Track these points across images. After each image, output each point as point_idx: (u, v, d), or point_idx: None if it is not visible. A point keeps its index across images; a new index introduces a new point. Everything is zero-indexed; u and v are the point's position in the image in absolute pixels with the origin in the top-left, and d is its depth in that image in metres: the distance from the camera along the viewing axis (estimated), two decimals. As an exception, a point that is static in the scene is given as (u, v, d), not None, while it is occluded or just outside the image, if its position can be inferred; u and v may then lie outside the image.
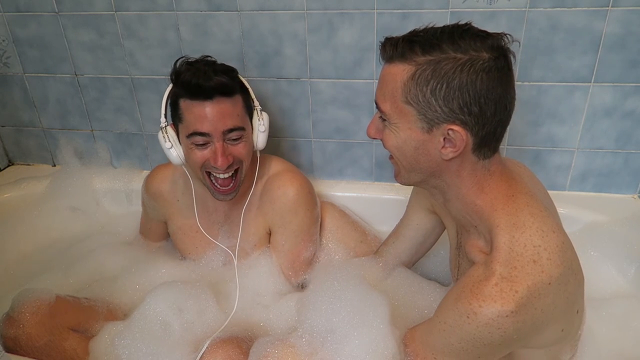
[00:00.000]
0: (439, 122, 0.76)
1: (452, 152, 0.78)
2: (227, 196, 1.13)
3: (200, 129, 1.04)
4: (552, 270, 0.74)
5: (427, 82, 0.74)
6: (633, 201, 1.43)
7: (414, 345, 0.87)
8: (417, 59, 0.75)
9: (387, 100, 0.80)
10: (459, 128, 0.75)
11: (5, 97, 1.65)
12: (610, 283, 1.21)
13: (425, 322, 0.88)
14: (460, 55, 0.73)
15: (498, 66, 0.74)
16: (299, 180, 1.21)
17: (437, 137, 0.78)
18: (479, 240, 0.84)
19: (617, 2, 1.20)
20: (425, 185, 0.88)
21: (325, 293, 0.99)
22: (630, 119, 1.33)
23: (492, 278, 0.74)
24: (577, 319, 0.87)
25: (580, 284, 0.82)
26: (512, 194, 0.81)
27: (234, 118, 1.06)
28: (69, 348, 1.06)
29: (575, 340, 0.91)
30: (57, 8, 1.46)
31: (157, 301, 1.06)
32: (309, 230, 1.24)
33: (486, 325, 0.73)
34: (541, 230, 0.77)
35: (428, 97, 0.75)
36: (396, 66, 0.78)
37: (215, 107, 1.04)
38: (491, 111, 0.75)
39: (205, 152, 1.07)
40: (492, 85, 0.74)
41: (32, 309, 1.04)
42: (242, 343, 1.00)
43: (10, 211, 1.53)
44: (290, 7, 1.33)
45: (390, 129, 0.81)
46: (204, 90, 1.03)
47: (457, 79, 0.73)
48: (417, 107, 0.76)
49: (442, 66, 0.73)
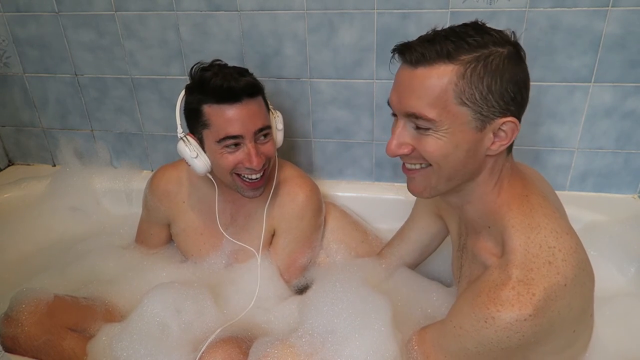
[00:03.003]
0: (493, 118, 0.74)
1: (501, 145, 0.77)
2: (257, 191, 1.13)
3: (233, 132, 1.04)
4: (567, 272, 0.73)
5: (480, 79, 0.72)
6: (633, 201, 1.43)
7: (425, 347, 0.86)
8: (462, 58, 0.72)
9: (434, 106, 0.73)
10: (512, 119, 0.75)
11: (5, 97, 1.65)
12: (610, 283, 1.21)
13: (437, 325, 0.87)
14: (500, 48, 0.73)
15: (522, 55, 0.76)
16: (309, 186, 1.22)
17: (488, 133, 0.76)
18: (488, 242, 0.83)
19: (617, 2, 1.20)
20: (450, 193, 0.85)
21: (326, 294, 0.99)
22: (630, 119, 1.33)
23: (509, 282, 0.74)
24: (590, 322, 0.86)
25: (592, 286, 0.81)
26: (526, 194, 0.81)
27: (262, 117, 1.07)
28: (67, 347, 1.06)
29: (586, 344, 0.91)
30: (57, 8, 1.46)
31: (155, 302, 1.05)
32: (310, 237, 1.24)
33: (505, 329, 0.73)
34: (555, 232, 0.76)
35: (485, 94, 0.72)
36: (436, 68, 0.72)
37: (245, 109, 1.04)
38: (526, 98, 0.77)
39: (237, 154, 1.06)
40: (526, 73, 0.76)
41: (31, 309, 1.04)
42: (242, 343, 1.00)
43: (10, 211, 1.53)
44: (290, 7, 1.33)
45: (436, 137, 0.75)
46: (235, 93, 1.03)
47: (507, 72, 0.72)
48: (474, 107, 0.73)
49: (490, 61, 0.72)
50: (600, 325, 0.97)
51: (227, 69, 1.06)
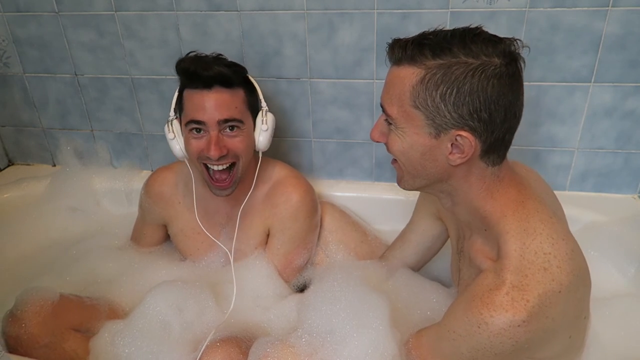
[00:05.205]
0: (448, 128, 0.75)
1: (459, 158, 0.76)
2: (224, 191, 1.13)
3: (196, 117, 1.06)
4: (562, 279, 0.73)
5: (436, 86, 0.72)
6: (633, 201, 1.43)
7: (420, 351, 0.86)
8: (427, 63, 0.73)
9: (394, 103, 0.78)
10: (467, 134, 0.74)
11: (5, 97, 1.65)
12: (610, 283, 1.21)
13: (432, 328, 0.87)
14: (472, 60, 0.71)
15: (509, 72, 0.73)
16: (303, 187, 1.22)
17: (444, 142, 0.76)
18: (484, 246, 0.83)
19: (617, 2, 1.20)
20: (430, 190, 0.87)
21: (325, 294, 0.99)
22: (630, 119, 1.33)
23: (503, 287, 0.73)
24: (584, 325, 0.86)
25: (588, 291, 0.81)
26: (522, 200, 0.80)
27: (231, 109, 1.07)
28: (69, 349, 1.06)
29: (583, 346, 0.91)
30: (57, 8, 1.46)
31: (157, 300, 1.05)
32: (305, 238, 1.24)
33: (498, 335, 0.73)
34: (551, 238, 0.76)
35: (437, 102, 0.73)
36: (405, 69, 0.76)
37: (213, 97, 1.05)
38: (501, 118, 0.74)
39: (201, 142, 1.08)
40: (503, 91, 0.72)
41: (36, 308, 1.03)
42: (242, 343, 1.00)
43: (10, 211, 1.53)
44: (290, 7, 1.33)
45: (396, 133, 0.80)
46: (203, 79, 1.05)
47: (468, 84, 0.71)
48: (426, 112, 0.75)
49: (452, 70, 0.72)
50: (600, 326, 0.97)
51: (207, 57, 1.09)
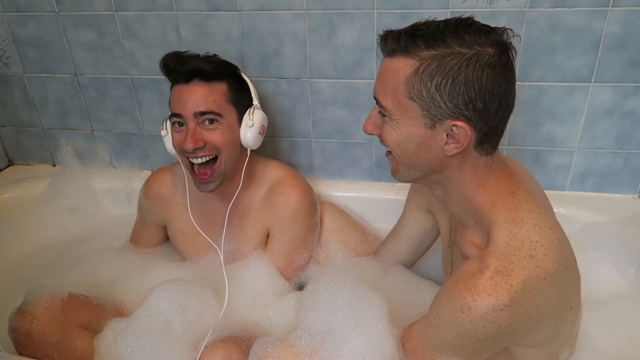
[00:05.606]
0: (443, 118, 0.75)
1: (455, 148, 0.77)
2: (207, 185, 1.14)
3: (176, 110, 1.10)
4: (547, 266, 0.73)
5: (431, 77, 0.73)
6: (633, 201, 1.42)
7: (412, 343, 0.87)
8: (420, 54, 0.73)
9: (388, 95, 0.78)
10: (463, 124, 0.74)
11: (5, 97, 1.65)
12: (610, 283, 1.21)
13: (421, 319, 0.87)
14: (466, 50, 0.72)
15: (502, 61, 0.73)
16: (301, 187, 1.22)
17: (440, 133, 0.76)
18: (474, 236, 0.84)
19: (617, 2, 1.20)
20: (424, 181, 0.87)
21: (322, 293, 0.99)
22: (630, 119, 1.33)
23: (487, 271, 0.74)
24: (571, 315, 0.87)
25: (575, 282, 0.82)
26: (512, 190, 0.81)
27: (208, 102, 1.09)
28: (80, 346, 1.05)
29: (572, 338, 0.91)
30: (57, 8, 1.46)
31: (160, 299, 1.06)
32: (305, 238, 1.24)
33: (481, 319, 0.73)
34: (538, 227, 0.76)
35: (432, 93, 0.73)
36: (398, 60, 0.76)
37: (190, 90, 1.09)
38: (495, 107, 0.74)
39: (181, 135, 1.11)
40: (497, 80, 0.73)
41: (46, 304, 1.03)
42: (242, 343, 1.00)
43: (10, 211, 1.53)
44: (290, 7, 1.33)
45: (391, 125, 0.80)
46: (181, 74, 1.09)
47: (463, 74, 0.72)
48: (421, 103, 0.75)
49: (447, 61, 0.72)
50: (599, 326, 0.97)
51: (188, 53, 1.11)
